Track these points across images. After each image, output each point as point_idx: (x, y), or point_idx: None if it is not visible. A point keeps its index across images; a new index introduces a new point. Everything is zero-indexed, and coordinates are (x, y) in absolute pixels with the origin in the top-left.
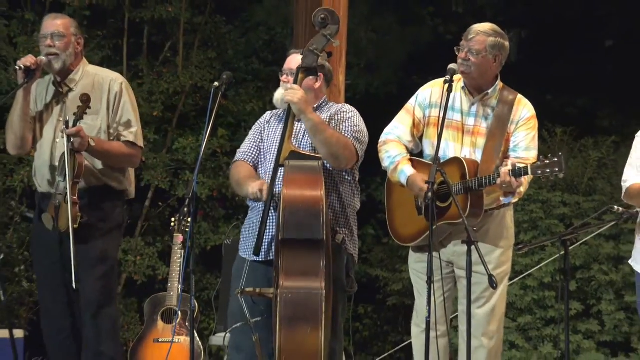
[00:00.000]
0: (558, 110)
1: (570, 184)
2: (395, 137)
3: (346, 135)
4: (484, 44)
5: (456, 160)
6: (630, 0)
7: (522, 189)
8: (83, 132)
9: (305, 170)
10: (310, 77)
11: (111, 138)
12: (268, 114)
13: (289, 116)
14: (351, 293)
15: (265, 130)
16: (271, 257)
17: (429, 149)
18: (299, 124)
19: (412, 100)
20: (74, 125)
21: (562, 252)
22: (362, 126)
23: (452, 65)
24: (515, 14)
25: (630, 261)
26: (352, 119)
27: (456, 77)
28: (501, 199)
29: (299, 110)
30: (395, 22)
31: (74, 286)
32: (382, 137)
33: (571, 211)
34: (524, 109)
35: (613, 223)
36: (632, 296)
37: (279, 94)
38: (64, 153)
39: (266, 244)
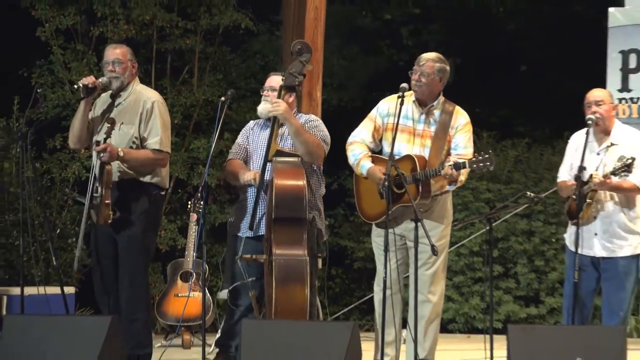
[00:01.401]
0: (484, 119)
1: (494, 175)
2: (360, 139)
3: (316, 137)
4: (432, 69)
5: (408, 157)
6: (538, 37)
7: (462, 178)
8: (110, 147)
9: (291, 165)
10: (290, 94)
11: (136, 145)
12: (252, 122)
13: (275, 123)
14: (321, 257)
15: (250, 135)
16: (260, 233)
17: (387, 148)
18: (282, 128)
19: (373, 111)
20: (104, 142)
21: (487, 227)
22: (326, 131)
23: (403, 85)
24: (452, 46)
25: (565, 234)
26: (319, 127)
27: (408, 92)
28: (447, 187)
29: (284, 119)
30: (360, 52)
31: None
32: (349, 139)
33: (494, 196)
34: (461, 117)
35: (526, 205)
36: (540, 261)
37: (262, 107)
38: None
39: (257, 220)
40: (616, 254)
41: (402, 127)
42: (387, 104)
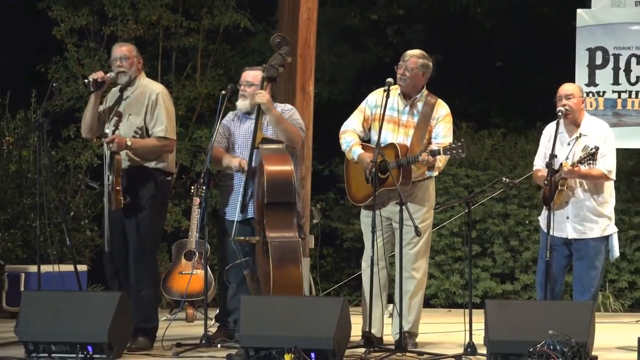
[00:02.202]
0: (463, 111)
1: (472, 163)
2: (351, 129)
3: (294, 125)
4: (416, 64)
5: (392, 145)
6: (512, 36)
7: (440, 165)
8: (118, 137)
9: (278, 151)
10: (271, 84)
11: (139, 134)
12: (231, 113)
13: (259, 113)
14: (303, 239)
15: (232, 127)
16: (249, 216)
17: (375, 137)
18: (264, 118)
19: (363, 103)
20: (112, 133)
21: (466, 210)
22: (301, 120)
23: (389, 79)
24: (433, 43)
25: (539, 217)
26: (294, 115)
27: (394, 86)
28: (426, 172)
29: (267, 108)
30: (349, 49)
31: (106, 249)
32: (342, 129)
33: (472, 182)
34: (442, 109)
35: (501, 190)
36: (515, 241)
37: (240, 103)
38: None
39: (247, 203)
40: (587, 235)
41: (388, 118)
42: (375, 97)
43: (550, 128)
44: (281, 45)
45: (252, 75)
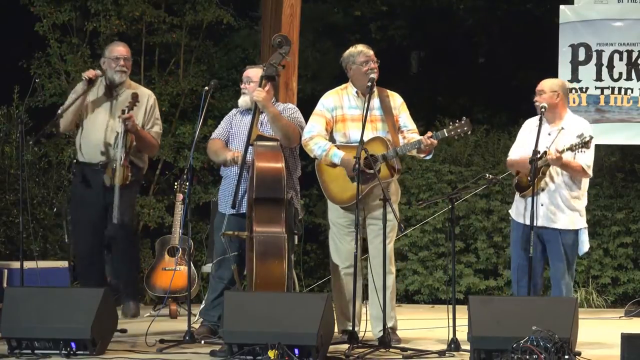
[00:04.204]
0: (446, 107)
1: (455, 158)
2: (317, 133)
3: (294, 123)
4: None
5: (378, 138)
6: (495, 32)
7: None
8: (133, 117)
9: (270, 148)
10: (271, 82)
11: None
12: (234, 110)
13: (256, 110)
14: (297, 234)
15: (233, 121)
16: (242, 211)
17: (340, 138)
18: (262, 115)
19: (319, 107)
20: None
21: (450, 206)
22: (302, 118)
23: (372, 75)
24: (416, 39)
25: (509, 210)
26: (295, 114)
27: (345, 85)
28: (422, 156)
29: (264, 106)
30: (332, 45)
31: (115, 220)
32: (306, 135)
33: (456, 177)
34: (397, 98)
35: (485, 186)
36: (498, 237)
37: (241, 100)
38: (118, 133)
39: (240, 197)
40: (556, 225)
41: (352, 117)
42: (330, 99)
43: (530, 122)
44: (282, 45)
45: (253, 72)
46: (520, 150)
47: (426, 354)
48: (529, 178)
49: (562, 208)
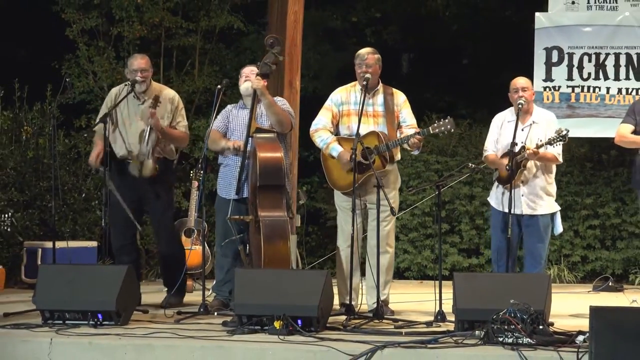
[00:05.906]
0: (433, 103)
1: (441, 149)
2: (322, 126)
3: (285, 112)
4: (374, 60)
5: (373, 132)
6: (477, 36)
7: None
8: (157, 116)
9: (270, 140)
10: (265, 79)
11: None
12: (229, 106)
13: (254, 103)
14: (291, 218)
15: (230, 116)
16: (244, 195)
17: (345, 131)
18: (259, 109)
19: (328, 101)
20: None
21: (437, 193)
22: (291, 109)
23: (367, 75)
24: (407, 43)
25: (488, 198)
26: (285, 105)
27: (353, 83)
28: (410, 150)
29: (261, 92)
30: (331, 48)
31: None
32: (313, 127)
33: (442, 167)
34: (400, 95)
35: (468, 174)
36: (480, 220)
37: (243, 86)
38: (144, 130)
39: (242, 184)
40: (537, 212)
41: (357, 112)
42: (339, 95)
43: (500, 116)
44: (274, 45)
45: (251, 69)
46: (493, 145)
47: (415, 324)
48: (507, 168)
49: (541, 195)
